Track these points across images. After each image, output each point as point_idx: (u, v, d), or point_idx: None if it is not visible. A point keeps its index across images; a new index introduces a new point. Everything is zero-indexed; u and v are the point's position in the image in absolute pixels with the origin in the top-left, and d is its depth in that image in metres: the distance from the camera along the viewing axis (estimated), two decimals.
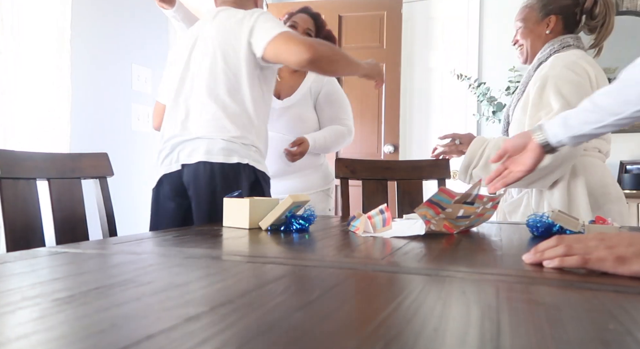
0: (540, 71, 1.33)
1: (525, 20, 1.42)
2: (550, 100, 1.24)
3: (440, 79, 3.19)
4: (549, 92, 1.25)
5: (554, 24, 1.38)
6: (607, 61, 2.89)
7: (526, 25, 1.42)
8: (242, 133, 1.30)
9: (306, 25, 1.72)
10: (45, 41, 1.92)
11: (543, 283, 0.49)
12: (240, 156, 1.28)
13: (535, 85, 1.29)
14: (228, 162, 1.27)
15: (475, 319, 0.36)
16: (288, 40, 1.23)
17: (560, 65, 1.28)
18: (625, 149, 2.82)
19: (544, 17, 1.39)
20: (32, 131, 1.87)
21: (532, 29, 1.41)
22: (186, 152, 1.30)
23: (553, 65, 1.29)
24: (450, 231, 0.91)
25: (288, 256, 0.67)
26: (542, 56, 1.38)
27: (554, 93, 1.23)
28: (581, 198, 1.26)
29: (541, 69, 1.33)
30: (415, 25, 3.24)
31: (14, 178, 1.07)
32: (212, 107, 1.30)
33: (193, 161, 1.28)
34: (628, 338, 0.32)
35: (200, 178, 1.28)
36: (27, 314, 0.36)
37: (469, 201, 0.88)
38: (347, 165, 1.72)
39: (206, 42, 1.34)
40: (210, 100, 1.30)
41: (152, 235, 0.88)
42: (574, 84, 1.23)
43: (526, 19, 1.42)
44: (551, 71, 1.27)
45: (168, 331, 0.32)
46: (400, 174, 1.69)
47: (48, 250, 0.69)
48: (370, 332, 0.32)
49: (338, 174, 1.70)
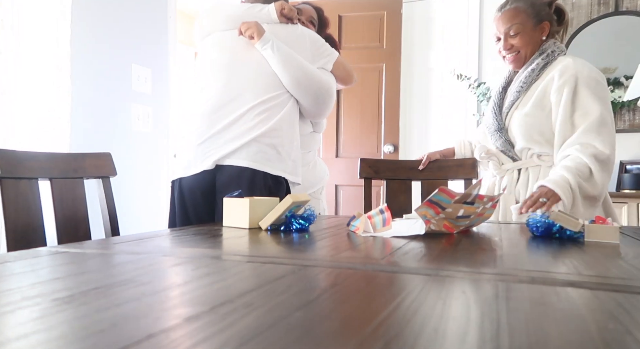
0: (559, 72, 1.34)
1: (523, 25, 1.41)
2: (586, 102, 1.30)
3: (440, 79, 3.19)
4: (584, 94, 1.31)
5: (547, 30, 1.43)
6: (607, 61, 2.89)
7: (525, 31, 1.41)
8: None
9: (308, 14, 1.71)
10: (45, 41, 1.92)
11: (543, 282, 0.49)
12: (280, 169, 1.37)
13: (564, 87, 1.32)
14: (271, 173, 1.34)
15: (475, 319, 0.36)
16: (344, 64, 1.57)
17: (587, 68, 1.34)
18: (625, 149, 2.82)
19: (538, 23, 1.42)
20: (32, 131, 1.87)
21: (531, 35, 1.42)
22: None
23: (577, 67, 1.33)
24: (450, 231, 0.91)
25: (288, 256, 0.67)
26: (548, 58, 1.40)
27: (590, 96, 1.30)
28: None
29: (557, 71, 1.35)
30: (415, 25, 3.24)
31: (15, 178, 1.07)
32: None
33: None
34: (628, 338, 0.32)
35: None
36: (27, 314, 0.36)
37: (469, 201, 0.88)
38: (370, 165, 1.73)
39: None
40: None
41: (152, 235, 0.88)
42: (604, 87, 1.32)
43: (524, 24, 1.41)
44: (580, 73, 1.32)
45: (168, 330, 0.32)
46: (425, 174, 1.70)
47: (48, 249, 0.69)
48: (370, 332, 0.32)
49: (362, 174, 1.72)
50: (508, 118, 1.45)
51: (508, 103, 1.46)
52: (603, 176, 1.26)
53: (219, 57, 1.42)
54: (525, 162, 1.42)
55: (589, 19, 2.93)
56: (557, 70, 1.36)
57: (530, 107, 1.38)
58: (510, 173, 1.45)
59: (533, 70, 1.41)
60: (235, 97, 1.35)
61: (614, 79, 2.86)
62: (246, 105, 1.34)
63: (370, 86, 3.12)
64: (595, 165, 1.24)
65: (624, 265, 0.61)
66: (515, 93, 1.44)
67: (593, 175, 1.25)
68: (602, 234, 0.83)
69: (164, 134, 2.67)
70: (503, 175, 1.48)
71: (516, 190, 1.42)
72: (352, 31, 3.13)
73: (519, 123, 1.40)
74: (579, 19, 2.95)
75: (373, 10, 3.09)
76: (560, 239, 0.85)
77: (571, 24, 2.97)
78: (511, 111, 1.44)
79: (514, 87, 1.46)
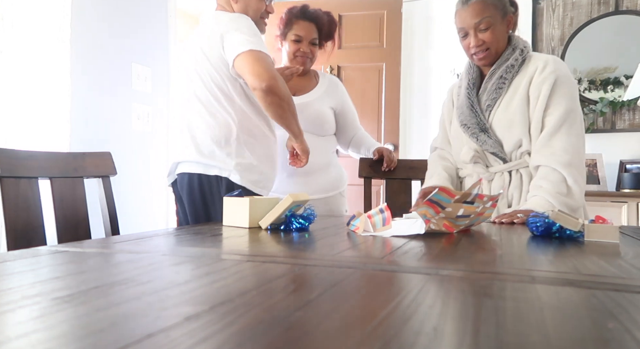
0: (539, 69, 1.31)
1: (493, 19, 1.31)
2: (558, 101, 1.28)
3: (440, 78, 3.19)
4: (560, 93, 1.29)
5: (512, 23, 1.37)
6: (607, 60, 2.89)
7: (495, 25, 1.31)
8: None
9: (311, 36, 1.67)
10: (45, 40, 1.92)
11: (543, 282, 0.49)
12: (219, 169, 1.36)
13: (543, 84, 1.29)
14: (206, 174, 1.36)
15: (474, 319, 0.36)
16: (254, 61, 1.25)
17: (564, 66, 1.32)
18: (625, 149, 2.82)
19: (504, 16, 1.33)
20: (32, 130, 1.87)
21: (500, 30, 1.33)
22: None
23: (557, 65, 1.31)
24: (450, 230, 0.91)
25: (288, 255, 0.67)
26: (523, 54, 1.35)
27: (565, 95, 1.29)
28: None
29: (536, 67, 1.32)
30: (415, 25, 3.24)
31: (15, 177, 1.07)
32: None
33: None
34: (627, 337, 0.32)
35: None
36: (27, 313, 0.36)
37: (469, 201, 0.88)
38: (370, 165, 1.73)
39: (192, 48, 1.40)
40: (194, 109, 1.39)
41: (152, 234, 0.88)
42: (577, 88, 1.31)
43: (494, 17, 1.31)
44: (559, 72, 1.30)
45: (168, 330, 0.32)
46: (425, 173, 1.69)
47: (48, 248, 0.69)
48: (370, 331, 0.32)
49: (361, 173, 1.71)
50: (491, 117, 1.36)
51: (488, 102, 1.36)
52: (580, 184, 1.24)
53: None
54: (516, 164, 1.33)
55: (589, 18, 2.93)
56: (536, 66, 1.32)
57: (517, 104, 1.31)
58: (500, 176, 1.36)
59: (513, 66, 1.33)
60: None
61: (614, 79, 2.86)
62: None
63: (370, 85, 3.12)
64: (570, 177, 1.23)
65: (623, 264, 0.61)
66: (495, 90, 1.35)
67: (570, 188, 1.23)
68: (601, 233, 0.83)
69: (164, 133, 2.67)
70: (492, 179, 1.37)
71: (509, 193, 1.34)
72: (352, 30, 3.13)
73: (507, 122, 1.33)
74: (579, 19, 2.95)
75: (373, 9, 3.09)
76: (560, 238, 0.85)
77: (571, 23, 2.97)
78: (494, 109, 1.35)
79: (491, 84, 1.36)
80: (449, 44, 3.17)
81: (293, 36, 1.66)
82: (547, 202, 1.21)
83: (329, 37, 1.74)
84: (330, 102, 1.73)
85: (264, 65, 1.25)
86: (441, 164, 1.50)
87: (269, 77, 1.24)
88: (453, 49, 3.16)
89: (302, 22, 1.67)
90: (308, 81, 1.75)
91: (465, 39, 1.36)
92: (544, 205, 1.20)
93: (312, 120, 1.66)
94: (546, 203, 1.21)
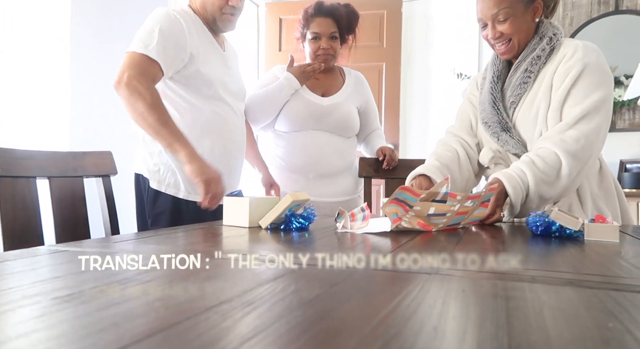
0: (567, 56, 1.18)
1: (513, 9, 1.20)
2: (583, 93, 1.14)
3: (440, 78, 3.18)
4: (585, 83, 1.15)
5: (541, 10, 1.23)
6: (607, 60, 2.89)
7: (515, 16, 1.20)
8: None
9: (329, 30, 1.61)
10: (45, 39, 1.92)
11: (543, 281, 0.49)
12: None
13: (569, 72, 1.16)
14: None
15: (474, 318, 0.36)
16: (124, 61, 1.25)
17: (595, 53, 1.19)
18: (625, 148, 2.82)
19: (529, 3, 1.21)
20: (32, 130, 1.87)
21: (522, 20, 1.21)
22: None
23: (587, 51, 1.18)
24: (427, 228, 0.91)
25: (288, 255, 0.67)
26: (552, 42, 1.22)
27: (591, 85, 1.15)
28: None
29: (564, 55, 1.19)
30: (415, 24, 3.24)
31: (12, 176, 1.07)
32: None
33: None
34: (627, 337, 0.32)
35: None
36: (27, 312, 0.36)
37: (438, 200, 0.88)
38: (370, 164, 1.73)
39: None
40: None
41: (152, 234, 0.88)
42: (610, 75, 1.17)
43: (513, 8, 1.20)
44: (588, 58, 1.16)
45: (168, 329, 0.32)
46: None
47: (48, 248, 0.69)
48: (370, 331, 0.32)
49: (361, 173, 1.71)
50: (515, 115, 1.24)
51: (512, 98, 1.24)
52: (574, 180, 1.11)
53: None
54: None
55: (589, 18, 2.92)
56: (564, 53, 1.20)
57: (540, 98, 1.19)
58: None
59: (539, 57, 1.21)
60: None
61: (614, 78, 2.86)
62: None
63: (370, 85, 3.10)
64: (567, 168, 1.08)
65: (623, 263, 0.61)
66: (520, 85, 1.23)
67: (560, 178, 1.09)
68: (601, 233, 0.83)
69: None
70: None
71: None
72: None
73: (532, 120, 1.20)
74: (579, 18, 2.95)
75: (373, 9, 3.09)
76: (560, 238, 0.85)
77: (571, 23, 2.97)
78: (518, 106, 1.24)
79: (516, 78, 1.25)
80: (449, 43, 3.17)
81: (310, 34, 1.62)
82: (519, 177, 1.07)
83: (350, 29, 1.67)
84: (356, 101, 1.71)
85: (124, 64, 1.24)
86: (436, 152, 1.37)
87: (119, 75, 1.22)
88: (453, 48, 3.16)
89: (318, 18, 1.62)
90: (334, 80, 1.71)
91: (484, 30, 1.27)
92: (515, 178, 1.07)
93: (342, 122, 1.64)
94: (518, 179, 1.07)
